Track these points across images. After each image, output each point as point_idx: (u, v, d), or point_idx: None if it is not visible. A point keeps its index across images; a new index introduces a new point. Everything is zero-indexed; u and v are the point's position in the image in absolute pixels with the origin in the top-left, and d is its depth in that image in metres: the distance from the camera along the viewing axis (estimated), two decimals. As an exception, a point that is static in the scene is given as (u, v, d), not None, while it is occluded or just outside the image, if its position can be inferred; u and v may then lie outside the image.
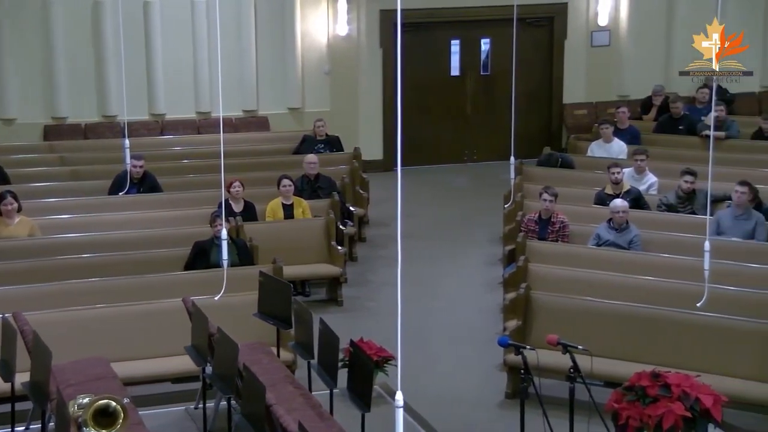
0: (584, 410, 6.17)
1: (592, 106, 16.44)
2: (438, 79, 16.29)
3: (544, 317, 8.07)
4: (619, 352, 7.62)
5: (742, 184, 9.68)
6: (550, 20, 16.34)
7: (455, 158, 16.45)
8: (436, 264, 11.60)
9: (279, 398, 6.24)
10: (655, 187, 11.23)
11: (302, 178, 11.69)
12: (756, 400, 7.16)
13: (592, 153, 12.93)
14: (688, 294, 7.69)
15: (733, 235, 9.58)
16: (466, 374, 8.66)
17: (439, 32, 16.14)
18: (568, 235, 9.95)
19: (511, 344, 6.51)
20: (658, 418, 5.82)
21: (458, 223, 13.30)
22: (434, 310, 10.17)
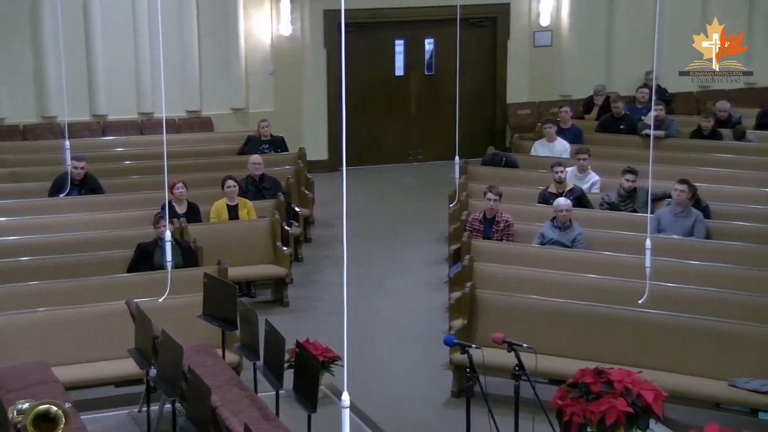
0: (529, 408, 6.22)
1: (535, 105, 16.59)
2: (382, 79, 16.31)
3: (489, 316, 8.12)
4: (563, 350, 7.70)
5: (682, 183, 9.84)
6: (493, 20, 16.45)
7: (400, 158, 16.48)
8: (382, 264, 11.61)
9: (224, 400, 6.20)
10: (598, 186, 11.36)
11: (247, 178, 11.62)
12: (696, 395, 7.28)
13: (535, 152, 13.04)
14: (630, 291, 7.80)
15: (673, 233, 9.73)
16: (412, 374, 8.67)
17: (383, 32, 16.16)
18: (512, 234, 10.02)
19: (456, 343, 6.54)
20: (601, 414, 5.89)
21: (404, 222, 13.32)
22: (380, 310, 10.17)
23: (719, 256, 9.11)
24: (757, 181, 11.29)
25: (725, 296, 8.10)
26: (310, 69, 15.65)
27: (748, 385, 7.14)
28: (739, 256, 9.10)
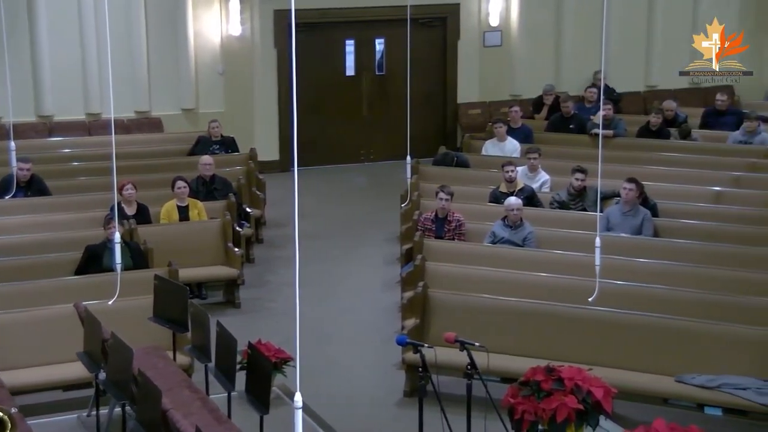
0: (481, 406, 6.25)
1: (486, 105, 16.68)
2: (333, 79, 16.28)
3: (441, 315, 8.15)
4: (514, 348, 7.75)
5: (630, 181, 9.96)
6: (443, 21, 16.50)
7: (352, 158, 16.47)
8: (335, 264, 11.60)
9: (175, 403, 6.15)
10: (548, 185, 11.45)
11: (197, 179, 11.54)
12: (644, 391, 7.38)
13: (486, 152, 13.11)
14: (581, 289, 7.87)
15: (621, 231, 9.84)
16: (364, 373, 8.67)
17: (333, 32, 16.13)
18: (464, 234, 10.06)
19: (409, 343, 6.55)
20: (552, 412, 5.93)
21: (356, 222, 13.32)
22: (333, 310, 10.16)
23: (667, 254, 9.24)
24: (702, 179, 11.47)
25: (673, 293, 8.22)
26: (260, 69, 15.57)
27: (695, 381, 7.25)
28: (685, 254, 9.23)
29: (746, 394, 7.04)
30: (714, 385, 7.16)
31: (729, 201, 10.81)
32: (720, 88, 15.49)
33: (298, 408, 4.29)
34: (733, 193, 11.07)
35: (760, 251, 9.15)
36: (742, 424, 7.29)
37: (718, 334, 7.49)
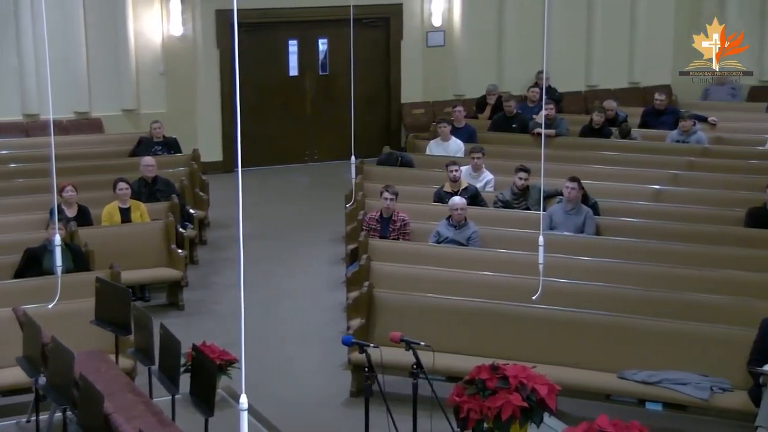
0: (427, 405, 6.27)
1: (430, 105, 16.74)
2: (277, 79, 16.22)
3: (387, 315, 8.16)
4: (460, 347, 7.78)
5: (572, 180, 10.07)
6: (386, 21, 16.52)
7: (296, 158, 16.42)
8: (280, 264, 11.55)
9: (118, 407, 6.07)
10: (492, 184, 11.53)
11: (139, 180, 11.41)
12: (587, 388, 7.46)
13: (430, 151, 13.16)
14: (524, 288, 7.92)
15: (564, 230, 9.94)
16: (310, 374, 8.65)
17: (276, 32, 16.07)
18: (409, 233, 10.09)
19: (354, 343, 6.54)
20: (497, 410, 5.96)
21: (301, 223, 13.28)
22: (278, 311, 10.12)
23: (608, 252, 9.36)
24: (642, 178, 11.63)
25: (614, 291, 8.32)
26: (202, 69, 15.45)
27: (636, 377, 7.35)
28: (626, 252, 9.36)
29: (686, 389, 7.16)
30: (655, 381, 7.27)
31: (668, 199, 10.99)
32: (658, 88, 15.78)
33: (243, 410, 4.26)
34: (672, 191, 11.24)
35: (699, 248, 9.30)
36: (682, 419, 7.42)
37: (659, 330, 7.60)
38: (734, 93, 16.46)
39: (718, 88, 16.43)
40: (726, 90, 16.39)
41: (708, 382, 7.19)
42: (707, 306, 7.96)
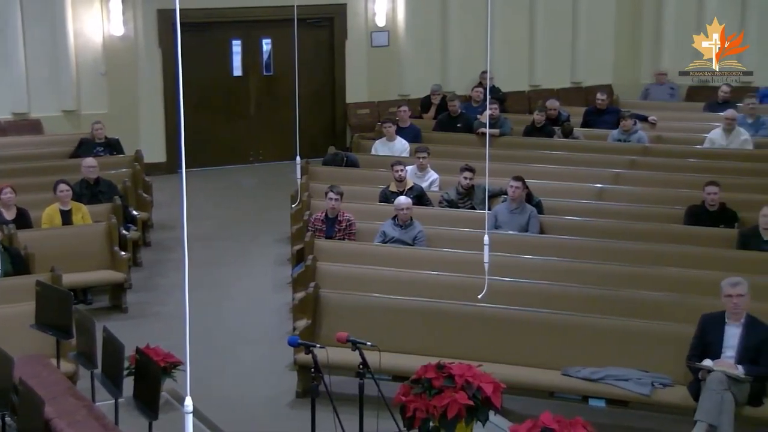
0: (374, 405, 6.27)
1: (375, 105, 16.76)
2: (220, 79, 16.11)
3: (333, 315, 8.15)
4: (406, 347, 7.80)
5: (516, 179, 10.14)
6: (330, 21, 16.50)
7: (241, 159, 16.33)
8: (225, 266, 11.47)
9: (59, 412, 5.99)
10: (437, 184, 11.58)
11: (81, 182, 11.25)
12: (531, 385, 7.54)
13: (375, 151, 13.17)
14: (470, 286, 7.97)
15: (509, 229, 10.02)
16: (256, 376, 8.61)
17: (219, 32, 15.96)
18: (354, 233, 10.08)
19: (300, 343, 6.53)
20: (443, 408, 5.99)
21: (246, 223, 13.20)
22: (224, 313, 10.05)
23: (552, 251, 9.45)
24: (585, 177, 11.77)
25: (558, 289, 8.40)
26: (144, 70, 15.29)
27: (580, 374, 7.43)
28: (570, 250, 9.46)
29: (627, 385, 7.26)
30: (598, 378, 7.36)
31: (610, 198, 11.12)
32: (599, 88, 15.99)
33: (188, 412, 4.23)
34: (613, 189, 11.38)
35: (641, 246, 9.44)
36: (624, 414, 7.52)
37: (601, 327, 7.69)
38: (673, 93, 16.77)
39: (657, 88, 16.73)
40: (665, 90, 16.69)
41: (649, 377, 7.30)
42: (648, 303, 8.08)
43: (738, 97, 14.69)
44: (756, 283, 7.59)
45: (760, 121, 13.72)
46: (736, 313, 7.15)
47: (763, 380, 7.05)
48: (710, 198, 9.98)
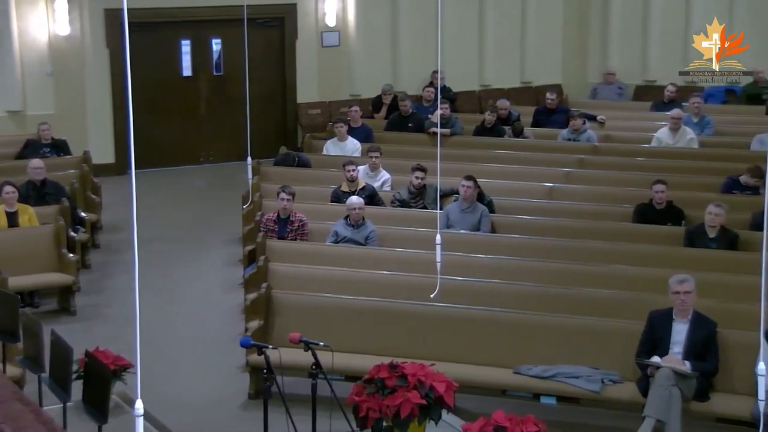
0: (327, 405, 6.26)
1: (326, 105, 16.73)
2: (169, 79, 15.97)
3: (285, 316, 8.13)
4: (359, 347, 7.80)
5: (468, 179, 10.19)
6: (281, 21, 16.44)
7: (191, 160, 16.20)
8: (176, 267, 11.38)
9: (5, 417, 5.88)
10: (389, 184, 11.59)
11: (27, 183, 11.09)
12: (484, 384, 7.59)
13: (327, 151, 13.15)
14: (423, 286, 7.98)
15: (460, 228, 10.06)
16: (208, 377, 8.55)
17: (168, 32, 15.82)
18: (306, 233, 10.06)
19: (253, 344, 6.50)
20: (396, 408, 6.00)
21: (197, 225, 13.10)
22: (174, 315, 9.96)
23: (503, 249, 9.51)
24: (535, 176, 11.85)
25: (510, 288, 8.46)
26: (92, 70, 15.09)
27: (531, 372, 7.49)
28: (521, 249, 9.53)
29: (578, 382, 7.33)
30: (549, 375, 7.42)
31: (560, 197, 11.22)
32: (549, 87, 16.13)
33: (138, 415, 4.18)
34: (564, 188, 11.49)
35: (590, 244, 9.53)
36: (575, 411, 7.59)
37: (552, 325, 7.76)
38: (621, 92, 16.98)
39: (605, 88, 16.92)
40: (613, 89, 16.89)
41: (599, 374, 7.38)
42: (598, 301, 8.17)
43: (684, 96, 14.92)
44: (702, 280, 7.71)
45: (705, 120, 13.94)
46: (683, 310, 7.26)
47: (709, 376, 7.17)
48: (658, 196, 10.12)
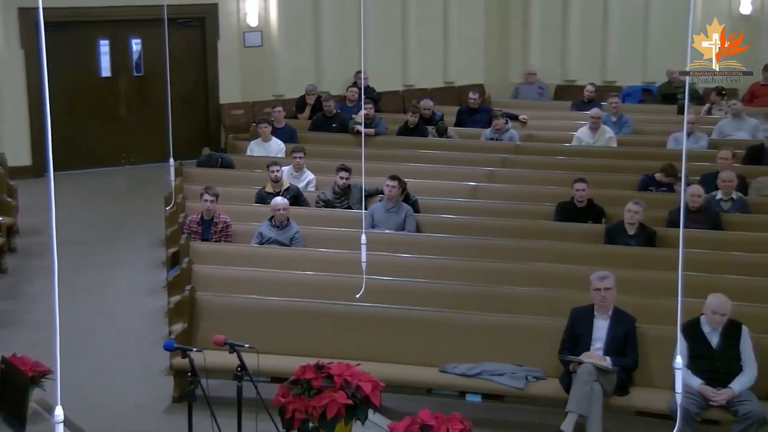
0: (252, 407, 6.23)
1: (249, 105, 16.62)
2: (88, 80, 15.71)
3: (210, 318, 8.06)
4: (285, 348, 7.77)
5: (392, 179, 10.23)
6: (202, 21, 16.29)
7: (112, 161, 15.96)
8: (97, 271, 11.19)
9: None
10: (313, 184, 11.57)
11: (-60, 186, 10.79)
12: (410, 383, 7.63)
13: (251, 152, 13.07)
14: (348, 286, 7.98)
15: (386, 227, 10.09)
16: (131, 382, 8.43)
17: (85, 32, 15.55)
18: (231, 235, 9.99)
19: (176, 348, 6.41)
20: (323, 409, 5.98)
21: (118, 227, 12.91)
22: (96, 319, 9.79)
23: (428, 249, 9.57)
24: (459, 175, 11.96)
25: (435, 287, 8.51)
26: (6, 70, 14.76)
27: (457, 370, 7.55)
28: (445, 248, 9.60)
29: (502, 380, 7.41)
30: (474, 373, 7.49)
31: (484, 196, 11.34)
32: (472, 87, 16.28)
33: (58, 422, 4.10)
34: (487, 187, 11.60)
35: (513, 243, 9.65)
36: (500, 408, 7.68)
37: (477, 323, 7.83)
38: (542, 92, 17.24)
39: (526, 87, 17.16)
40: (534, 89, 17.14)
41: (523, 371, 7.47)
42: (521, 298, 8.27)
43: (602, 96, 15.20)
44: (622, 277, 7.86)
45: (623, 119, 14.23)
46: (603, 306, 7.39)
47: (629, 370, 7.32)
48: (579, 194, 10.29)
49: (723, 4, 16.82)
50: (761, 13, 16.57)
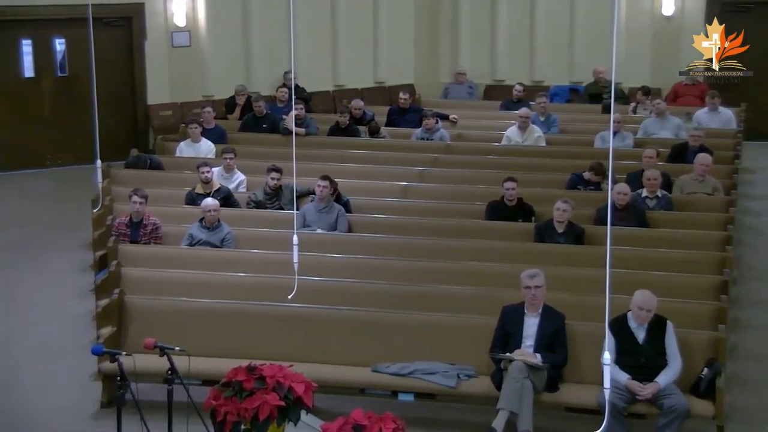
0: (183, 411, 6.17)
1: (178, 106, 16.43)
2: (10, 81, 15.38)
3: (139, 321, 7.96)
4: (216, 350, 7.71)
5: (324, 179, 10.22)
6: (128, 20, 16.05)
7: (37, 163, 15.63)
8: (22, 274, 10.96)
9: None
10: (244, 185, 11.50)
11: None
12: (342, 383, 7.63)
13: (180, 153, 12.93)
14: (280, 287, 7.93)
15: (317, 228, 10.08)
16: (57, 387, 8.27)
17: (6, 31, 15.21)
18: (160, 237, 9.88)
19: (105, 352, 6.32)
20: (255, 411, 5.96)
21: (44, 230, 12.65)
22: (21, 323, 9.60)
23: (360, 249, 9.58)
24: (391, 175, 11.99)
25: (366, 286, 8.53)
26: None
27: (389, 369, 7.57)
28: (377, 248, 9.63)
29: (435, 378, 7.46)
30: (406, 372, 7.52)
31: (415, 195, 11.39)
32: (402, 87, 16.34)
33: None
34: (418, 187, 11.66)
35: (445, 242, 9.72)
36: (432, 407, 7.73)
37: (408, 323, 7.86)
38: (471, 92, 17.38)
39: (456, 87, 17.28)
40: (464, 89, 17.27)
41: (455, 370, 7.53)
42: (453, 297, 8.33)
43: (531, 95, 15.38)
44: (552, 274, 7.96)
45: (551, 119, 14.42)
46: (534, 304, 7.49)
47: (558, 367, 7.42)
48: (509, 193, 10.39)
49: (646, 6, 17.16)
50: (682, 15, 16.93)
